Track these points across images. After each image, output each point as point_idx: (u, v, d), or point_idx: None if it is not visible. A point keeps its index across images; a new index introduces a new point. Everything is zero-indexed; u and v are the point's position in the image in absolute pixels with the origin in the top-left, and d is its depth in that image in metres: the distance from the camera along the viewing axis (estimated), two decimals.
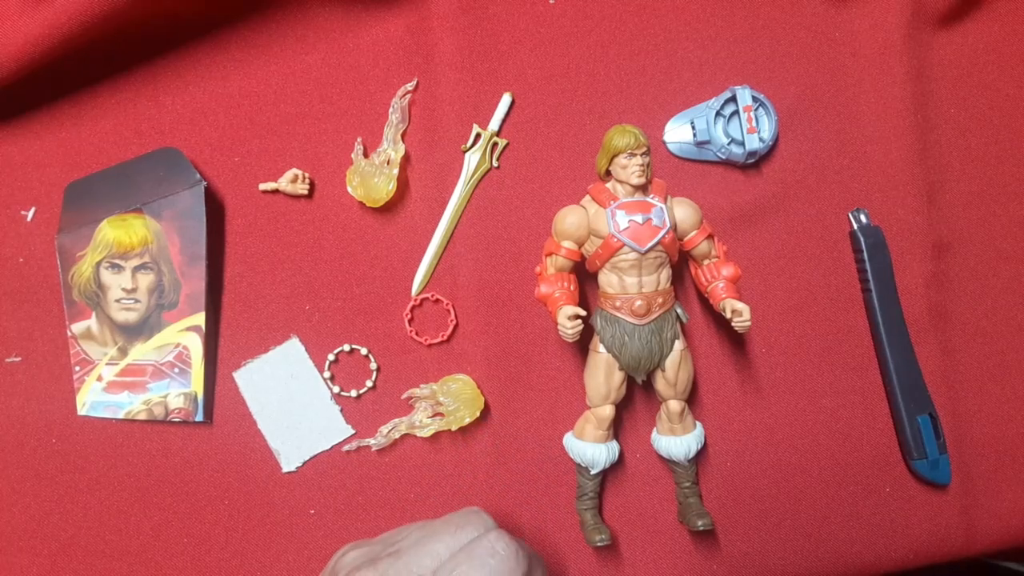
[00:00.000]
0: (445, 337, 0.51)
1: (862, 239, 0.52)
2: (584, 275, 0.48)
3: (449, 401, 0.49)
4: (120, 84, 0.53)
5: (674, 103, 0.53)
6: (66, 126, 0.53)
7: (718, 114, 0.52)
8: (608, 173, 0.46)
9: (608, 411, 0.46)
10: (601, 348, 0.45)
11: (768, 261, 0.53)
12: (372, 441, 0.50)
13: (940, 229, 0.53)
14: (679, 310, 0.46)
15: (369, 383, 0.51)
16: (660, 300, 0.45)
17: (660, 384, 0.47)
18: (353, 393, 0.51)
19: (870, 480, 0.51)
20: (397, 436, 0.50)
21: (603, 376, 0.45)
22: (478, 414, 0.49)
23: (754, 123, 0.51)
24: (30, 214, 0.53)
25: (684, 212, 0.46)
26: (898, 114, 0.53)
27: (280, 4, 0.52)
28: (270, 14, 0.53)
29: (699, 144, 0.52)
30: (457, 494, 0.50)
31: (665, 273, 0.45)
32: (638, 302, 0.44)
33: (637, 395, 0.51)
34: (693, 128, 0.52)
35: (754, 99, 0.52)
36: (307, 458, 0.50)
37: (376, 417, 0.51)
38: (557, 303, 0.44)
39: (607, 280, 0.45)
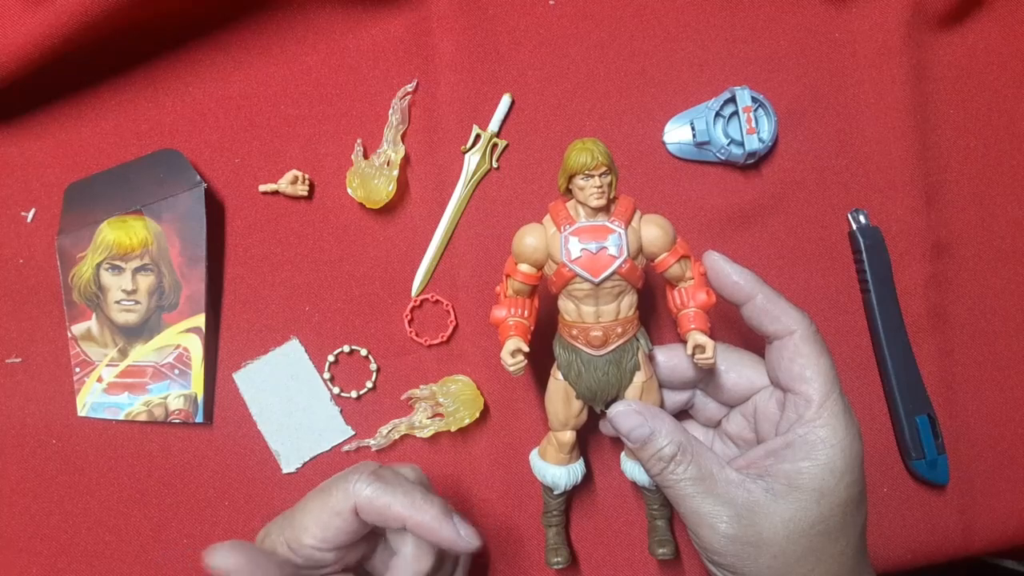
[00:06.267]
0: (445, 338, 0.51)
1: (861, 240, 0.52)
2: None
3: (449, 402, 0.49)
4: (120, 85, 0.53)
5: (674, 104, 0.53)
6: (66, 127, 0.53)
7: (718, 115, 0.52)
8: (569, 191, 0.41)
9: (568, 436, 0.44)
10: (558, 375, 0.43)
11: (767, 261, 0.53)
12: (372, 442, 0.50)
13: (939, 230, 0.53)
14: (643, 340, 0.42)
15: (369, 384, 0.51)
16: (619, 330, 0.41)
17: None
18: (353, 394, 0.51)
19: (868, 480, 0.51)
20: (397, 437, 0.50)
21: (560, 403, 0.43)
22: (478, 415, 0.49)
23: (753, 124, 0.51)
24: (30, 215, 0.53)
25: (652, 233, 0.40)
26: (897, 115, 0.53)
27: (280, 5, 0.52)
28: (270, 15, 0.53)
29: (699, 145, 0.52)
30: (457, 495, 0.50)
31: (627, 300, 0.41)
32: (594, 332, 0.41)
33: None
34: (693, 129, 0.52)
35: (753, 100, 0.52)
36: (307, 459, 0.51)
37: (376, 418, 0.51)
38: (506, 333, 0.41)
39: (564, 307, 0.42)
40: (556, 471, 0.45)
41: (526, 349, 0.40)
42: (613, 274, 0.39)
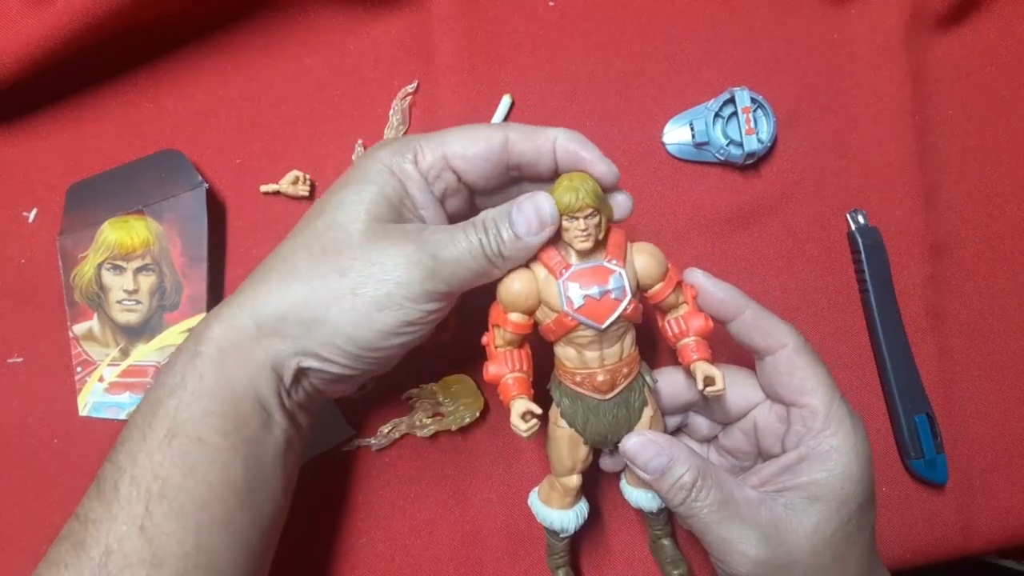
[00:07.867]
0: (445, 337, 0.51)
1: (860, 240, 0.52)
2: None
3: (449, 401, 0.49)
4: (122, 86, 0.53)
5: (673, 104, 0.53)
6: (68, 128, 0.53)
7: (717, 115, 0.52)
8: None
9: (575, 480, 0.42)
10: (562, 423, 0.40)
11: (766, 262, 0.53)
12: (372, 441, 0.50)
13: (937, 230, 0.53)
14: (647, 376, 0.40)
15: (370, 383, 0.51)
16: (625, 370, 0.39)
17: None
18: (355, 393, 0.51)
19: None
20: (397, 436, 0.50)
21: (566, 451, 0.41)
22: (478, 414, 0.49)
23: (752, 124, 0.51)
24: (32, 215, 0.53)
25: (646, 263, 0.38)
26: (896, 116, 0.53)
27: (281, 7, 0.53)
28: (271, 17, 0.53)
29: (698, 145, 0.52)
30: (457, 494, 0.50)
31: (629, 338, 0.39)
32: (601, 377, 0.38)
33: None
34: (692, 129, 0.52)
35: (752, 100, 0.52)
36: (307, 458, 0.51)
37: (376, 417, 0.51)
38: (509, 392, 0.38)
39: (565, 353, 0.39)
40: (564, 515, 0.43)
41: (538, 411, 0.37)
42: (619, 318, 0.37)
